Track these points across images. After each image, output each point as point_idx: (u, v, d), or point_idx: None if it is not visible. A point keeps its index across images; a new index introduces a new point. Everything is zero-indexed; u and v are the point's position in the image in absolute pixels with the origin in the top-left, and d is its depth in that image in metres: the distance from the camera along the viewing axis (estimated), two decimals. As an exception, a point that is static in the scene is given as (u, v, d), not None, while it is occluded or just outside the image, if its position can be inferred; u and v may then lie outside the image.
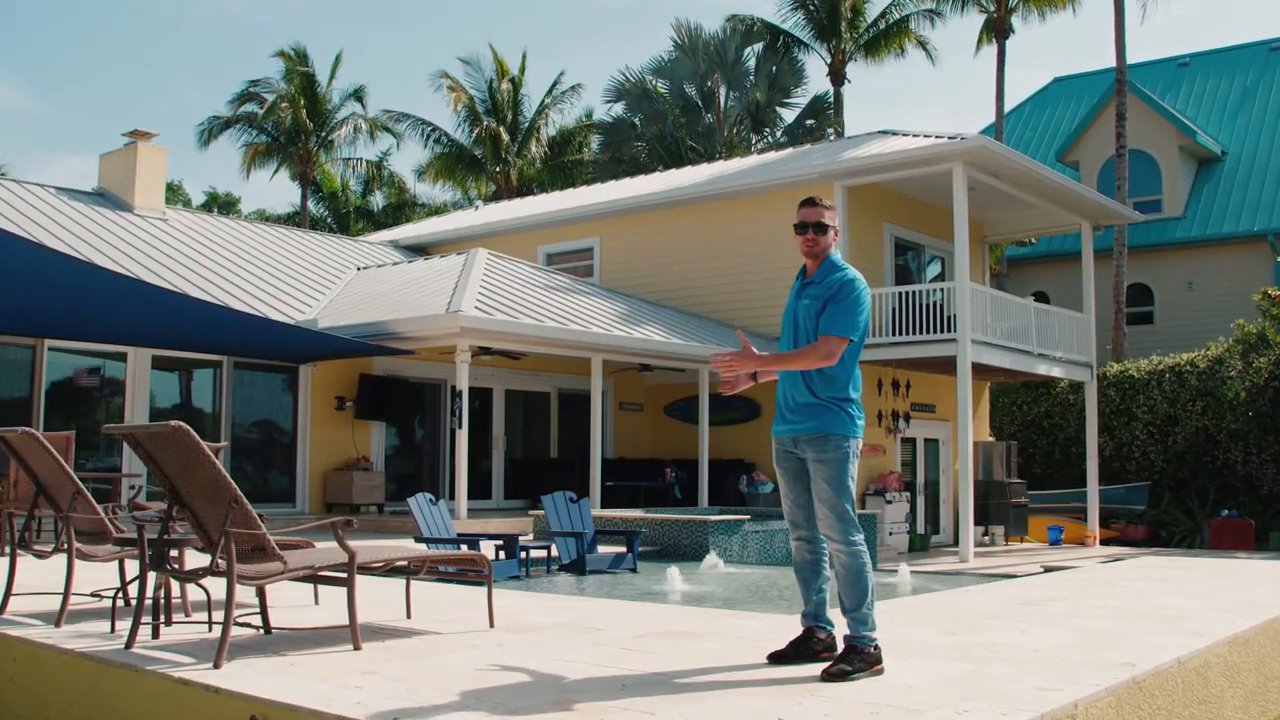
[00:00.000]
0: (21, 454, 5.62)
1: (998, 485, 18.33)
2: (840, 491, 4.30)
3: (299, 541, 5.13)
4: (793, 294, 4.60)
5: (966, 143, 15.96)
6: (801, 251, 4.54)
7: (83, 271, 10.95)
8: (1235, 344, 19.80)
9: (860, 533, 4.34)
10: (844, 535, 4.29)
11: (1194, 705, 4.58)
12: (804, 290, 4.53)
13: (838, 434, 4.33)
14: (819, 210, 4.49)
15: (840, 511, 4.29)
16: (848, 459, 4.32)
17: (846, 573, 4.31)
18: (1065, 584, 7.97)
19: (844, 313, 4.35)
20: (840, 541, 4.30)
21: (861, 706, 3.66)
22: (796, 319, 4.51)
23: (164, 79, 78.55)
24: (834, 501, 4.29)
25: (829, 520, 4.32)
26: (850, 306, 4.35)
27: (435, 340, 13.81)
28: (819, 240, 4.48)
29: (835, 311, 4.36)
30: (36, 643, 4.83)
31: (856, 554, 4.30)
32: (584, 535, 9.94)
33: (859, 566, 4.30)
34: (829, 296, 4.39)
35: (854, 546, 4.29)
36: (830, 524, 4.32)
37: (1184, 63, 31.79)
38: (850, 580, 4.30)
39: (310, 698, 3.70)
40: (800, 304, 4.51)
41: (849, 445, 4.34)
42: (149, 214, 17.41)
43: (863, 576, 4.29)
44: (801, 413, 4.39)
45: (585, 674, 4.25)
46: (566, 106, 35.17)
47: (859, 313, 4.37)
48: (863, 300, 4.39)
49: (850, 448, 4.34)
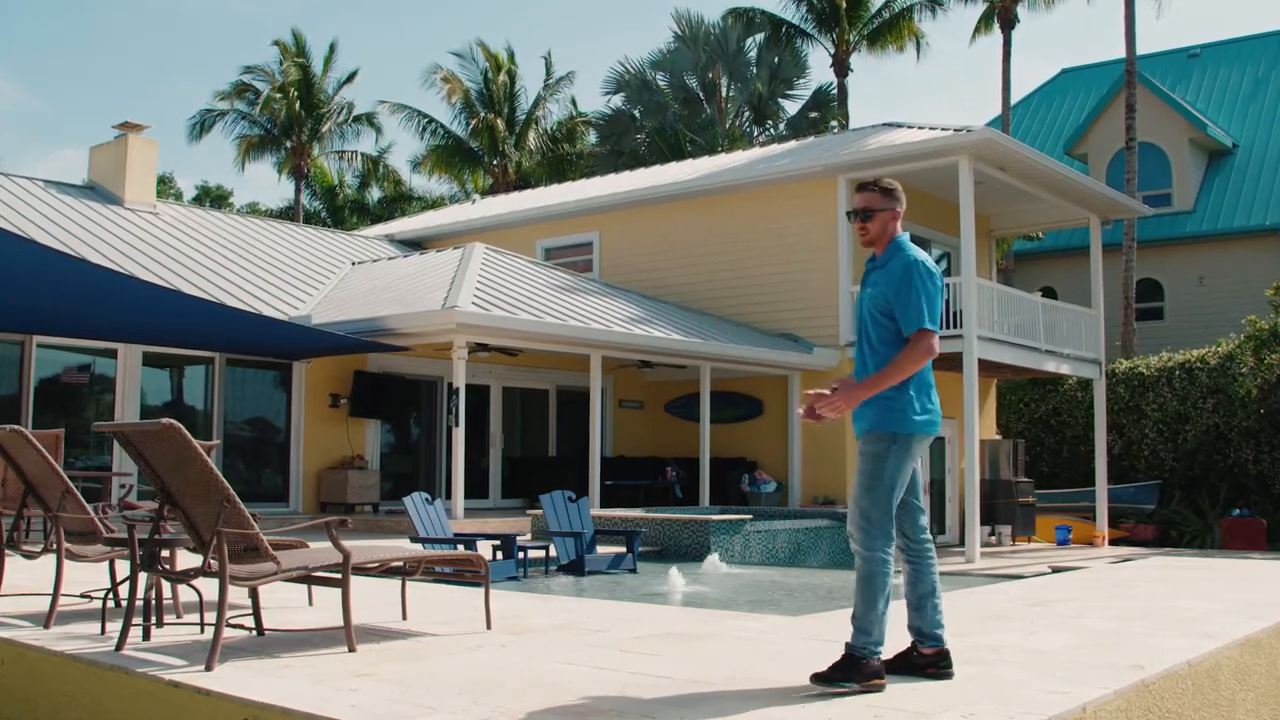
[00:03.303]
0: (10, 452, 5.57)
1: (1004, 484, 18.23)
2: (867, 491, 4.06)
3: (292, 542, 5.07)
4: (863, 281, 4.40)
5: (973, 135, 15.86)
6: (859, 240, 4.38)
7: (72, 267, 10.91)
8: (1247, 340, 19.67)
9: (886, 543, 4.06)
10: (863, 539, 4.06)
11: (1204, 708, 4.53)
12: (869, 276, 4.33)
13: (877, 430, 4.10)
14: (865, 195, 4.29)
15: (864, 511, 4.07)
16: (885, 456, 4.06)
17: (858, 577, 4.10)
18: (1073, 585, 7.92)
19: (917, 303, 4.09)
20: (859, 543, 4.09)
21: (865, 709, 3.63)
22: (862, 307, 4.29)
23: (157, 72, 78.65)
24: (859, 499, 4.09)
25: (851, 518, 4.12)
26: (920, 293, 4.10)
27: (431, 336, 13.74)
28: (867, 229, 4.28)
29: (907, 303, 4.10)
30: (25, 644, 4.79)
31: (870, 560, 4.05)
32: (583, 535, 9.90)
33: (870, 573, 4.05)
34: (894, 284, 4.16)
35: (871, 553, 4.05)
36: (853, 522, 4.11)
37: (1195, 54, 31.66)
38: (860, 586, 4.08)
39: (304, 700, 3.68)
40: (865, 291, 4.30)
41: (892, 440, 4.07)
42: (140, 208, 17.34)
43: (873, 586, 4.03)
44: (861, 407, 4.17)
45: (584, 676, 4.21)
46: (563, 97, 35.06)
47: (932, 297, 4.11)
48: (928, 283, 4.12)
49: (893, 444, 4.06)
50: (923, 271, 4.14)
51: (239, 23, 79.22)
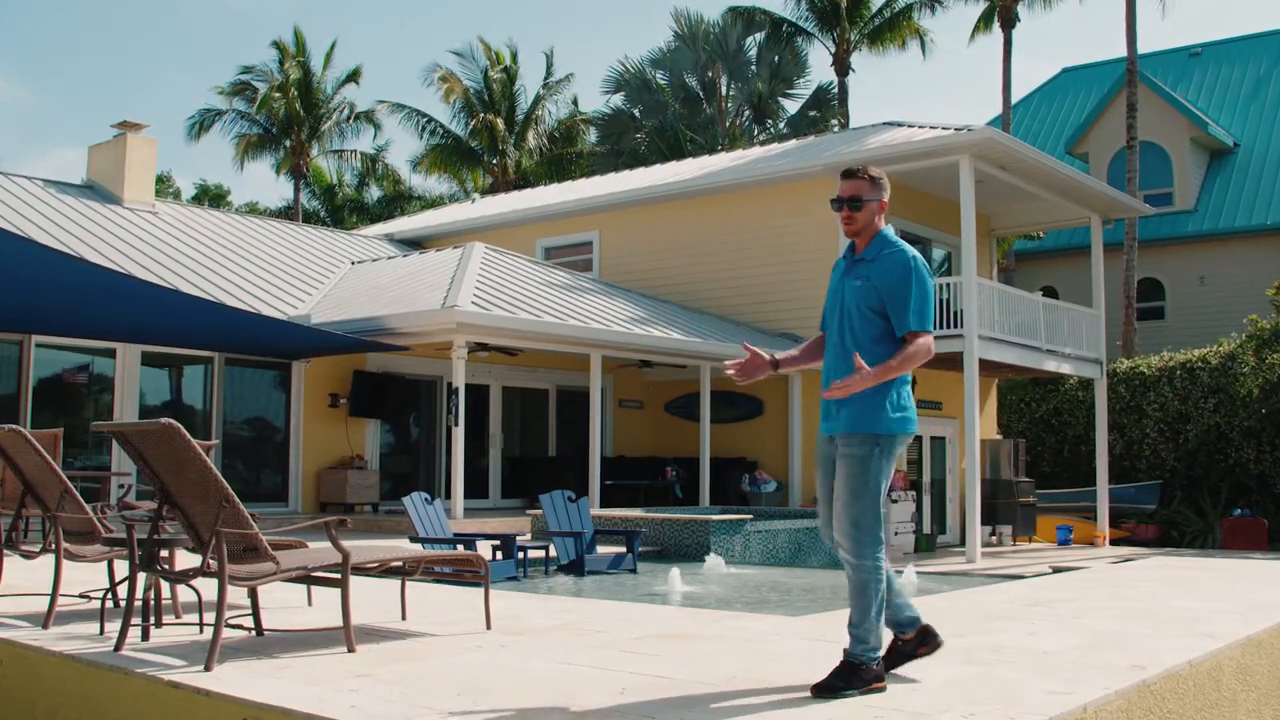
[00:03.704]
0: (8, 452, 5.56)
1: (1005, 484, 18.22)
2: (856, 498, 3.94)
3: (292, 541, 5.06)
4: (838, 271, 4.24)
5: (974, 134, 15.85)
6: (843, 230, 4.21)
7: (71, 266, 10.89)
8: (1248, 340, 19.64)
9: (878, 548, 3.95)
10: (854, 547, 3.95)
11: (1206, 709, 4.51)
12: (854, 268, 4.14)
13: (859, 432, 3.97)
14: (854, 183, 4.12)
15: (854, 518, 3.94)
16: (869, 459, 3.95)
17: (853, 587, 4.00)
18: (1074, 585, 7.90)
19: (917, 304, 4.00)
20: (850, 553, 3.97)
21: (865, 710, 3.61)
22: (844, 300, 4.13)
23: (157, 70, 78.62)
24: (848, 506, 3.96)
25: (839, 527, 4.00)
26: (917, 294, 4.01)
27: (431, 336, 13.72)
28: (855, 218, 4.11)
29: (906, 303, 4.00)
30: (23, 644, 4.77)
31: (863, 569, 3.94)
32: (583, 535, 9.88)
33: (864, 582, 3.94)
34: (890, 282, 4.02)
35: (863, 561, 3.93)
36: (841, 530, 3.99)
37: (1196, 52, 31.60)
38: (855, 596, 3.98)
39: (303, 701, 3.66)
40: (849, 283, 4.12)
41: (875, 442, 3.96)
42: (138, 207, 17.32)
43: (867, 593, 3.93)
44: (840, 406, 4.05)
45: (584, 677, 4.20)
46: (564, 96, 35.06)
47: (929, 296, 4.04)
48: (925, 283, 4.04)
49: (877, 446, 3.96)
50: (922, 271, 4.07)
51: (237, 19, 79.25)
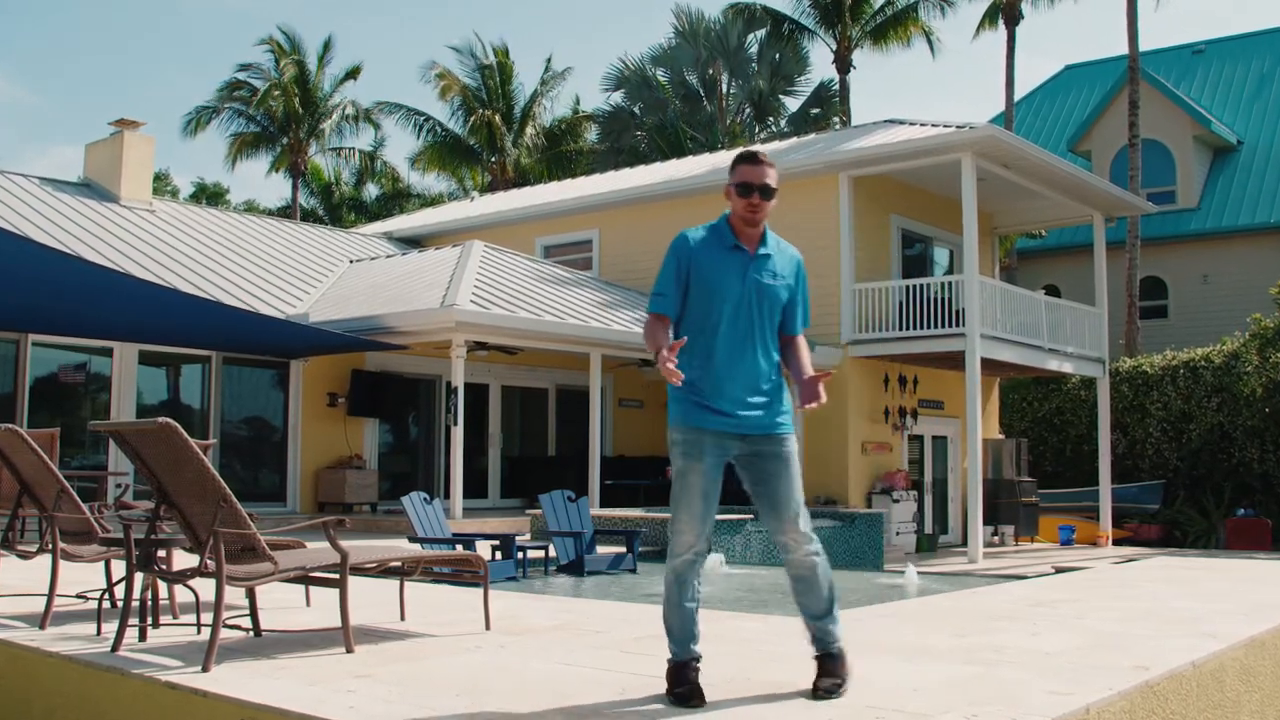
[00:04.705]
0: (5, 452, 5.55)
1: (1007, 484, 18.21)
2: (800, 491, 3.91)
3: (290, 541, 5.04)
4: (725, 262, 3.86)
5: (976, 132, 15.83)
6: (741, 218, 3.86)
7: (68, 265, 10.90)
8: (1251, 339, 19.61)
9: None
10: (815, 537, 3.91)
11: (1208, 709, 4.49)
12: (757, 263, 3.87)
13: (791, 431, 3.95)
14: (765, 169, 3.83)
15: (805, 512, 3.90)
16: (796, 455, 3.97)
17: (824, 575, 3.92)
18: (1077, 585, 7.88)
19: (807, 303, 4.01)
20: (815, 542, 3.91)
21: (866, 711, 3.59)
22: (750, 293, 3.83)
23: (156, 69, 78.68)
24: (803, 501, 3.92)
25: (805, 522, 3.89)
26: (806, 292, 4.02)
27: (430, 335, 13.71)
28: (764, 206, 3.83)
29: (806, 302, 4.00)
30: (20, 645, 4.76)
31: (823, 556, 3.91)
32: (582, 535, 9.86)
33: (827, 567, 3.91)
34: (792, 282, 3.93)
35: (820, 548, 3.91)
36: (807, 525, 3.89)
37: (1199, 50, 31.54)
38: (829, 583, 3.92)
39: (301, 702, 3.65)
40: (756, 278, 3.85)
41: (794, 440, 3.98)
42: (136, 205, 17.32)
43: (830, 577, 3.92)
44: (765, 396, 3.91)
45: (584, 677, 4.19)
46: (564, 93, 35.06)
47: None
48: None
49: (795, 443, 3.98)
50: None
51: (235, 17, 79.26)
